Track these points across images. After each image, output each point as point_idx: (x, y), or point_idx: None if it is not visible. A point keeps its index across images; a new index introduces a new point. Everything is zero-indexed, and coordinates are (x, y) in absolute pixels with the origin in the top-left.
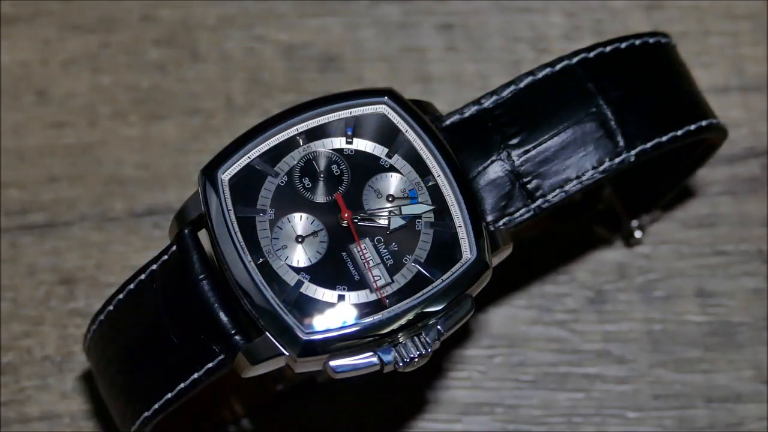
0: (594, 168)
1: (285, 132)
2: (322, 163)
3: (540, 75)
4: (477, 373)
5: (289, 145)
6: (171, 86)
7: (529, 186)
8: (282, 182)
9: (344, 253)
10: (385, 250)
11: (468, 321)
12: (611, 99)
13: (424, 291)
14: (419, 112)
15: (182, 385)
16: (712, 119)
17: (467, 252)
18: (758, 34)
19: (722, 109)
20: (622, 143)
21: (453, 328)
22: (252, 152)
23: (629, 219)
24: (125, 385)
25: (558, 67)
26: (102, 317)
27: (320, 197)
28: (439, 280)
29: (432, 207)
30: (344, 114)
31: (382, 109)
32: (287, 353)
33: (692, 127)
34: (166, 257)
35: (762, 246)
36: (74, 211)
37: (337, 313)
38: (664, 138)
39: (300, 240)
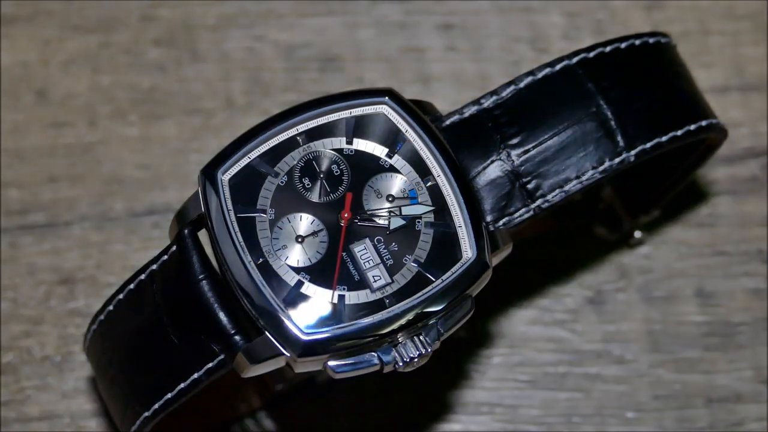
0: (594, 168)
1: (285, 132)
2: (322, 163)
3: (540, 75)
4: (476, 373)
5: (289, 145)
6: (171, 86)
7: (528, 186)
8: (282, 182)
9: (344, 253)
10: (385, 250)
11: (468, 321)
12: (611, 99)
13: (424, 291)
14: (419, 112)
15: (182, 385)
16: (712, 119)
17: (467, 252)
18: (758, 34)
19: (722, 109)
20: (622, 143)
21: (453, 328)
22: (252, 152)
23: (629, 219)
24: (125, 385)
25: (558, 67)
26: (102, 317)
27: (320, 197)
28: (439, 280)
29: (432, 207)
30: (344, 114)
31: (382, 109)
32: (287, 353)
33: (692, 127)
34: (166, 257)
35: (762, 246)
36: (74, 211)
37: (337, 313)
38: (664, 138)
39: (300, 240)
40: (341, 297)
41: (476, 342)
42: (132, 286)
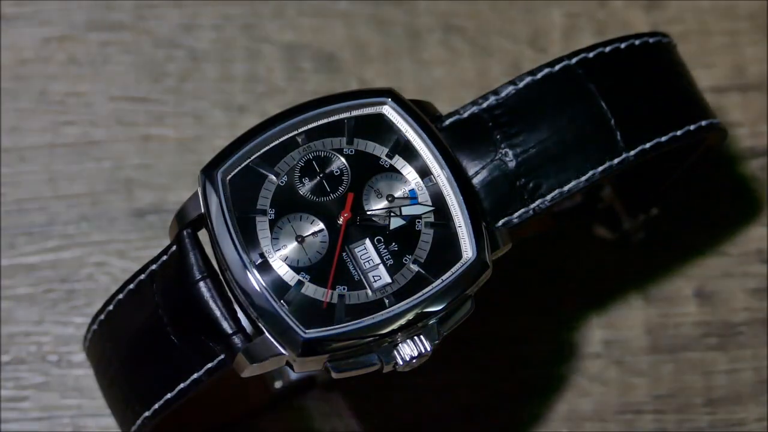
0: (593, 168)
1: (285, 132)
2: (322, 164)
3: (540, 75)
4: (476, 374)
5: (289, 145)
6: (171, 86)
7: (528, 186)
8: (282, 182)
9: (344, 254)
10: (385, 250)
11: (467, 321)
12: (611, 99)
13: (424, 291)
14: (419, 112)
15: (182, 385)
16: (712, 119)
17: (467, 252)
18: (758, 34)
19: (722, 109)
20: (621, 143)
21: (452, 327)
22: (252, 152)
23: (629, 219)
24: (125, 385)
25: (558, 67)
26: (102, 317)
27: (320, 197)
28: (439, 280)
29: (432, 207)
30: (344, 114)
31: (382, 109)
32: (287, 353)
33: (692, 127)
34: (165, 257)
35: (762, 246)
36: (74, 210)
37: (337, 313)
38: (664, 138)
39: (300, 240)
40: (341, 297)
41: (476, 342)
42: (132, 285)
